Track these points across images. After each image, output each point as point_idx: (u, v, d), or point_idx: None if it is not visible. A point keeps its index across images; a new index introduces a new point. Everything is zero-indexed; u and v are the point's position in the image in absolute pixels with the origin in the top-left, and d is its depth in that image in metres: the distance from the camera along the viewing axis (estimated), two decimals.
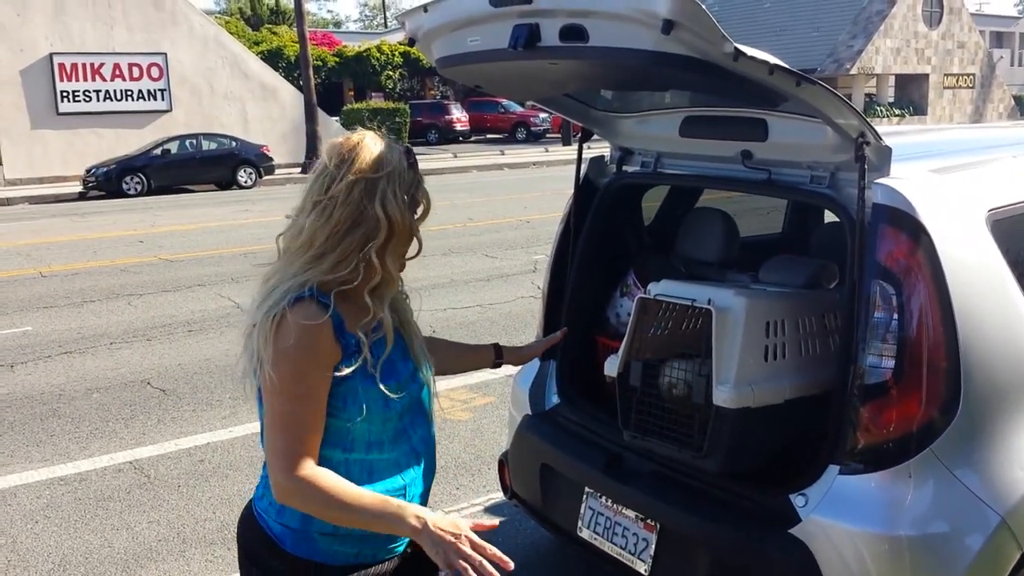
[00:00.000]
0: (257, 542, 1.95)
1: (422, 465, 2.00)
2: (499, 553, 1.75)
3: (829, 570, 2.37)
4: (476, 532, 1.78)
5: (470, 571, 1.70)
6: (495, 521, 1.96)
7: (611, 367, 2.87)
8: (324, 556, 1.90)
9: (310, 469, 1.78)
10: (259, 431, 1.91)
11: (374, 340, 1.88)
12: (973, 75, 45.68)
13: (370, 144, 1.86)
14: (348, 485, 1.80)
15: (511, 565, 1.74)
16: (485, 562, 1.72)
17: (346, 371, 1.82)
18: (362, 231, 1.82)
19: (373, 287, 1.87)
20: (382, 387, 1.86)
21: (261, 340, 1.83)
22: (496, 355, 2.50)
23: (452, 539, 1.74)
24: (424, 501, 2.02)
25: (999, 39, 61.09)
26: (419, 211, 1.93)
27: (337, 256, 1.82)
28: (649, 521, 2.79)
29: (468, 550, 1.73)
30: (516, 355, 2.59)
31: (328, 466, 1.83)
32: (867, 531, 2.34)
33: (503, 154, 30.89)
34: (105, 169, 21.77)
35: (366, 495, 1.80)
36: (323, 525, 1.86)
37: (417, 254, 1.99)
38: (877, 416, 2.35)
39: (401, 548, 1.99)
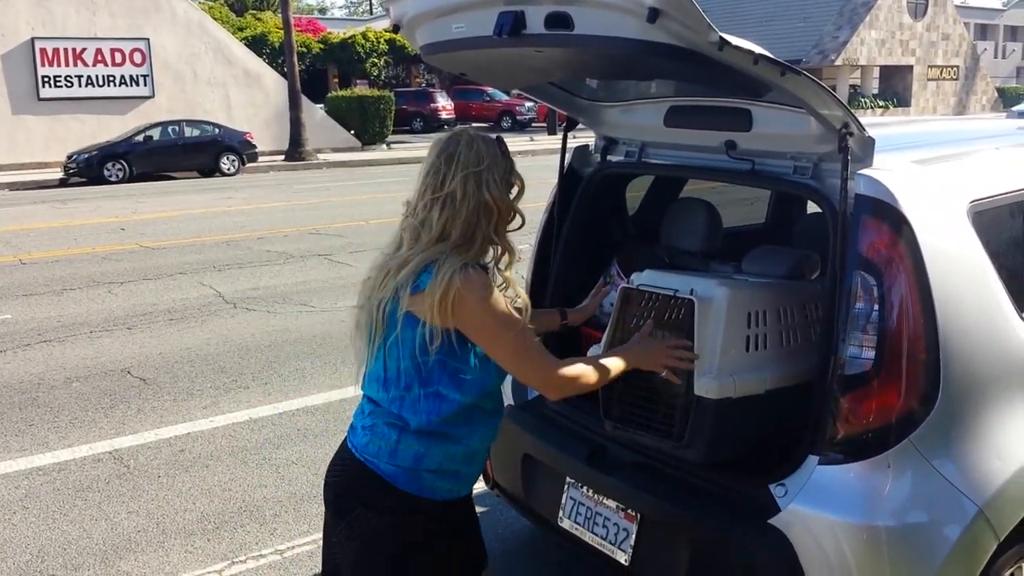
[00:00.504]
0: (369, 485, 2.22)
1: (501, 412, 2.36)
2: (683, 341, 2.47)
3: (808, 560, 2.37)
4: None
5: (677, 364, 2.45)
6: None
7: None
8: (429, 492, 2.21)
9: (561, 366, 2.21)
10: (368, 376, 2.29)
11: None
12: (957, 67, 45.90)
13: (469, 140, 2.17)
14: (590, 360, 2.32)
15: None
16: (678, 352, 2.45)
17: None
18: (485, 217, 2.15)
19: (499, 260, 2.24)
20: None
21: (449, 310, 2.07)
22: (561, 316, 2.88)
23: (656, 346, 2.47)
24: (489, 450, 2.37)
25: (983, 31, 61.40)
26: (514, 191, 2.24)
27: (478, 241, 2.16)
28: (630, 511, 2.79)
29: (667, 352, 2.45)
30: (579, 314, 2.92)
31: (442, 402, 2.17)
32: (846, 521, 2.35)
33: None
34: (87, 155, 21.57)
35: (604, 360, 2.34)
36: (430, 463, 2.19)
37: (520, 227, 2.27)
38: (857, 407, 2.36)
39: (469, 490, 2.36)
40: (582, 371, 2.25)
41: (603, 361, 2.33)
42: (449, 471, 2.22)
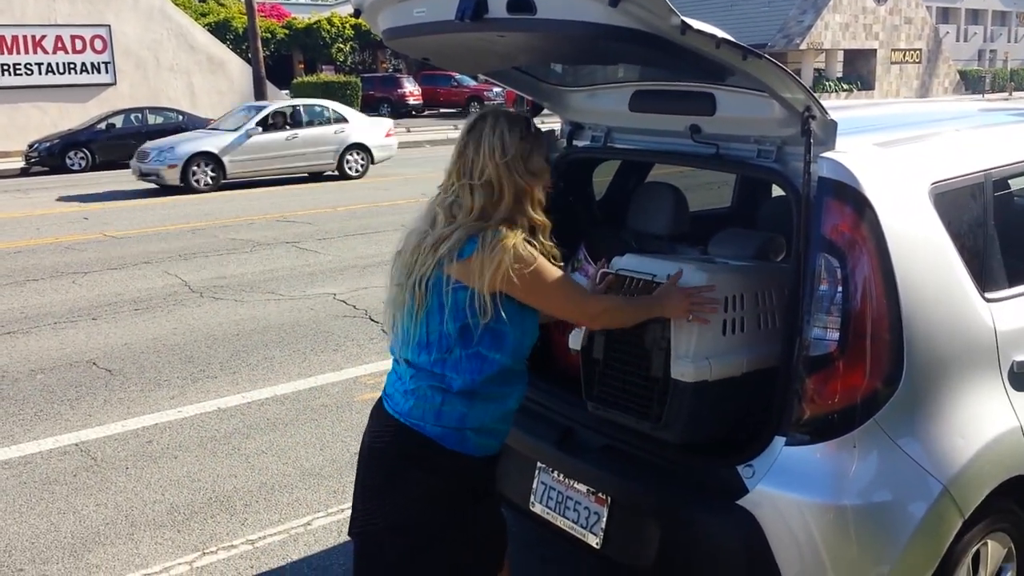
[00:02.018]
0: (418, 446, 2.35)
1: (527, 374, 2.51)
2: (707, 286, 2.54)
3: (776, 540, 2.40)
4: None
5: (700, 313, 2.51)
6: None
7: (575, 340, 2.90)
8: (473, 449, 2.37)
9: (600, 300, 2.57)
10: (407, 342, 2.38)
11: None
12: (920, 50, 46.32)
13: (494, 123, 2.34)
14: (622, 299, 2.63)
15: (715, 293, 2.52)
16: (701, 298, 2.52)
17: None
18: (519, 197, 2.33)
19: (534, 231, 2.38)
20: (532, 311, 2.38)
21: (494, 265, 2.23)
22: None
23: (680, 292, 2.53)
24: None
25: (945, 15, 62.02)
26: (543, 165, 2.40)
27: (517, 218, 2.34)
28: (600, 495, 2.80)
29: (690, 300, 2.52)
30: None
31: (483, 363, 2.31)
32: (813, 501, 2.37)
33: (457, 128, 30.62)
34: (48, 144, 21.19)
35: (634, 302, 2.60)
36: (473, 422, 2.35)
37: (552, 190, 2.49)
38: (822, 387, 2.38)
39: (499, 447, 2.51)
40: (615, 304, 2.57)
41: (633, 303, 2.58)
42: (491, 429, 2.40)
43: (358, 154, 18.19)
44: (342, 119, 18.39)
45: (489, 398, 2.35)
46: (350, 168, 18.04)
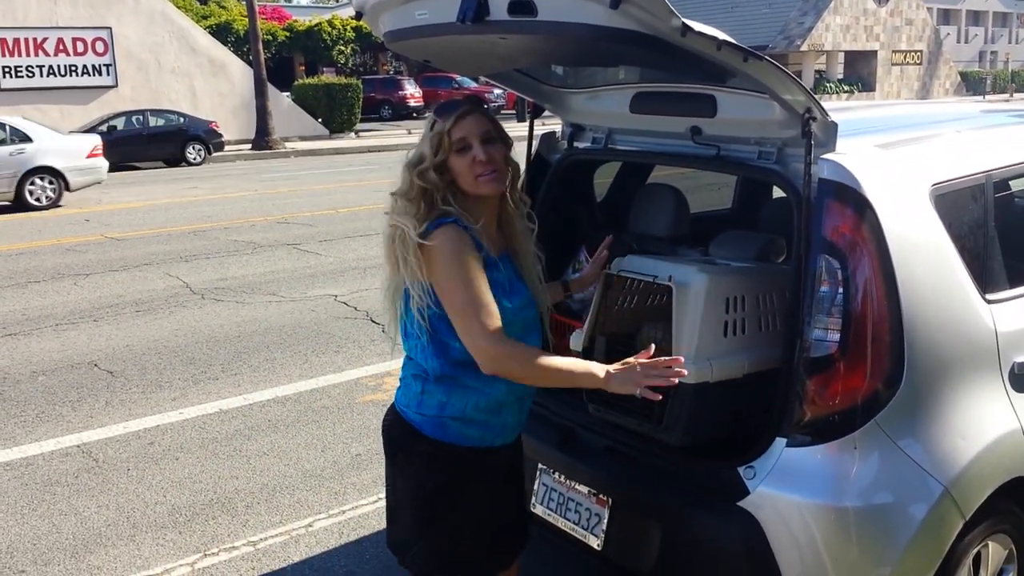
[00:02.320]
0: (402, 433, 2.41)
1: None
2: (667, 360, 2.22)
3: (777, 541, 2.40)
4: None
5: (655, 382, 2.19)
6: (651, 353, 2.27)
7: (576, 341, 2.91)
8: (455, 438, 2.36)
9: (505, 341, 2.22)
10: (400, 331, 2.41)
11: (508, 261, 2.41)
12: (921, 52, 46.32)
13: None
14: (542, 352, 2.29)
15: (683, 366, 2.21)
16: (659, 372, 2.21)
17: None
18: (437, 182, 2.31)
19: (490, 218, 2.40)
20: (504, 299, 2.29)
21: (421, 263, 2.23)
22: (564, 289, 2.91)
23: (630, 370, 2.23)
24: (527, 405, 2.49)
25: (946, 16, 62.02)
26: (456, 144, 2.32)
27: (438, 202, 2.31)
28: (601, 496, 2.80)
29: (644, 372, 2.21)
30: (579, 283, 2.93)
31: (462, 360, 2.28)
32: (814, 502, 2.37)
33: None
34: None
35: (559, 359, 2.29)
36: (453, 411, 2.34)
37: (485, 168, 2.33)
38: (823, 389, 2.38)
39: (511, 440, 2.49)
40: (533, 355, 2.25)
41: (562, 364, 2.28)
42: (475, 420, 2.36)
43: (46, 180, 15.11)
44: (24, 138, 15.19)
45: (467, 387, 2.34)
46: (34, 197, 14.93)
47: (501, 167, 2.35)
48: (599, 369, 2.27)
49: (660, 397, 2.22)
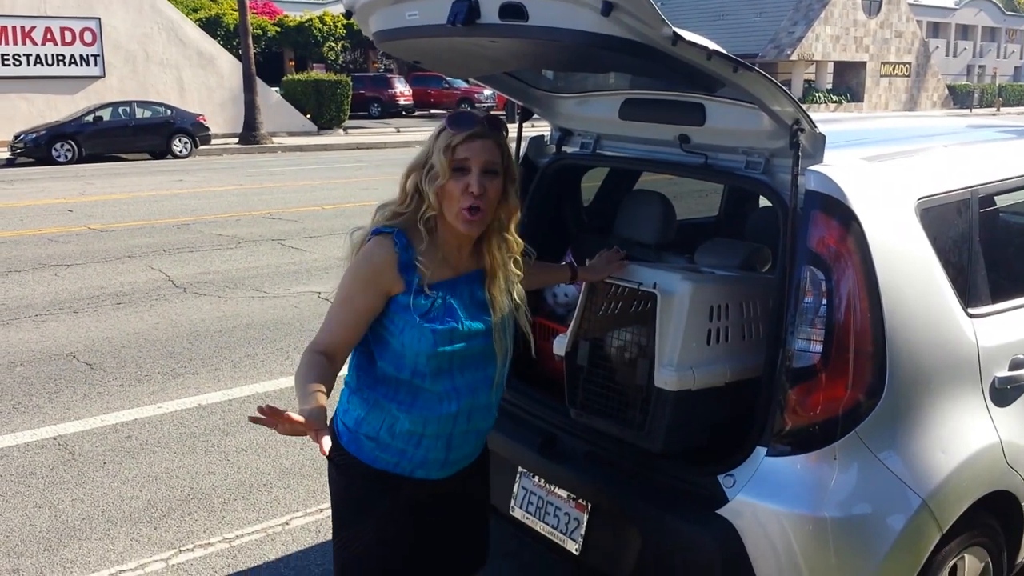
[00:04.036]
0: (333, 439, 2.26)
1: (471, 403, 2.27)
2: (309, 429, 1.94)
3: (755, 549, 2.40)
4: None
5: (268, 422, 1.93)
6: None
7: (559, 346, 2.91)
8: (368, 458, 2.27)
9: (311, 349, 2.17)
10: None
11: (463, 288, 2.25)
12: (909, 64, 46.66)
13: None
14: (312, 367, 2.12)
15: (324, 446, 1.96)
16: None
17: (404, 303, 2.18)
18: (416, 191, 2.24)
19: (458, 244, 2.26)
20: (431, 332, 2.17)
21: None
22: (573, 273, 2.85)
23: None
24: (476, 432, 2.34)
25: (935, 29, 62.45)
26: (452, 167, 2.17)
27: (411, 207, 2.25)
28: (581, 501, 2.80)
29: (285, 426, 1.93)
30: (588, 273, 2.85)
31: (383, 378, 2.22)
32: (792, 512, 2.38)
33: None
34: (34, 135, 21.09)
35: (311, 379, 2.09)
36: (368, 429, 2.24)
37: (476, 198, 2.19)
38: (804, 399, 2.38)
39: (435, 476, 2.30)
40: (300, 367, 2.16)
41: (299, 383, 2.12)
42: (390, 445, 2.24)
43: None
44: None
45: (382, 408, 2.24)
46: None
47: (489, 208, 2.20)
48: (300, 406, 2.05)
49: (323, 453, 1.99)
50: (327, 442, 1.95)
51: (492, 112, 2.39)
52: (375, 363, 2.24)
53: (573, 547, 2.79)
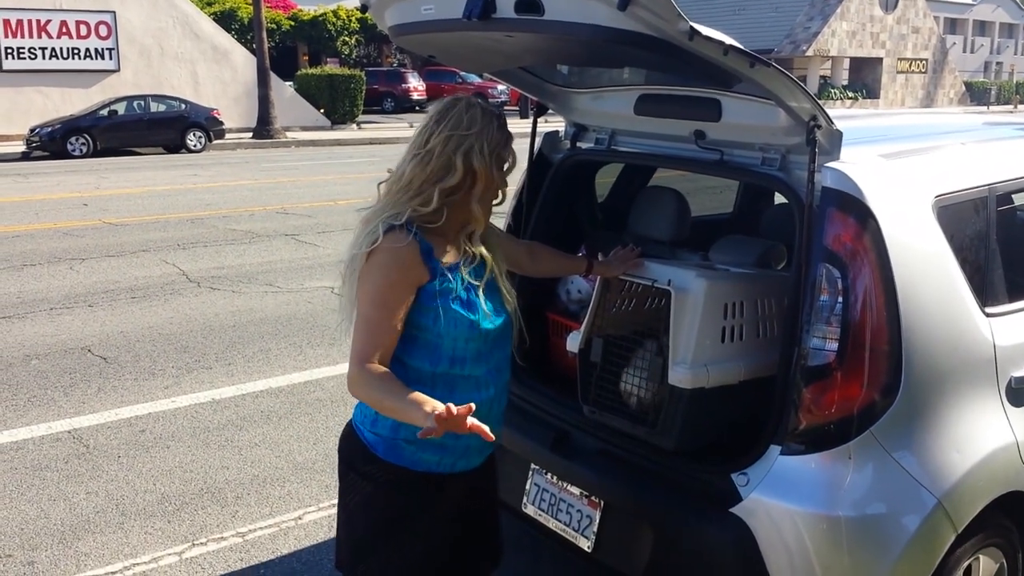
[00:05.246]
0: (355, 451, 2.27)
1: (500, 383, 2.31)
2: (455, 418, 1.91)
3: (769, 548, 2.39)
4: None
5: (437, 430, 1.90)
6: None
7: (573, 343, 2.90)
8: (410, 462, 2.22)
9: (372, 364, 2.09)
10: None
11: (469, 269, 2.23)
12: (926, 60, 46.36)
13: (468, 105, 2.18)
14: (394, 380, 2.08)
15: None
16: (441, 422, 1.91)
17: (434, 290, 2.15)
18: (450, 180, 2.14)
19: (463, 227, 2.24)
20: (466, 312, 2.18)
21: (360, 262, 2.14)
22: (588, 266, 2.83)
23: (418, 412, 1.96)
24: (501, 414, 2.35)
25: (952, 25, 62.03)
26: (505, 166, 2.24)
27: (427, 197, 2.14)
28: (593, 498, 2.79)
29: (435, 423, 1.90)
30: (604, 268, 2.82)
31: (417, 377, 2.16)
32: (806, 511, 2.36)
33: None
34: (49, 129, 21.20)
35: (400, 388, 2.05)
36: (407, 432, 2.16)
37: (501, 202, 2.32)
38: (819, 398, 2.37)
39: (476, 463, 2.33)
40: (377, 382, 2.08)
41: (390, 395, 2.06)
42: (431, 442, 2.14)
43: None
44: None
45: None
46: None
47: None
48: (427, 407, 1.97)
49: (493, 437, 2.00)
50: (484, 426, 1.97)
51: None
52: (405, 365, 2.20)
53: (586, 544, 2.79)
